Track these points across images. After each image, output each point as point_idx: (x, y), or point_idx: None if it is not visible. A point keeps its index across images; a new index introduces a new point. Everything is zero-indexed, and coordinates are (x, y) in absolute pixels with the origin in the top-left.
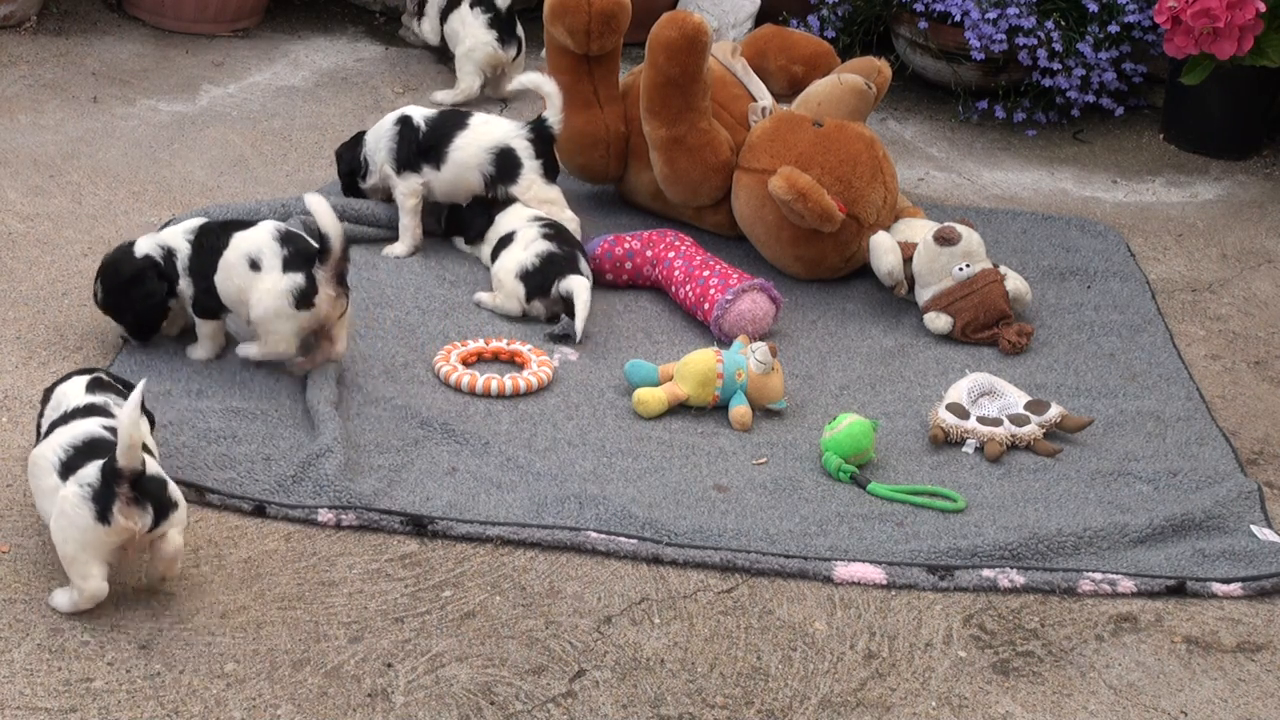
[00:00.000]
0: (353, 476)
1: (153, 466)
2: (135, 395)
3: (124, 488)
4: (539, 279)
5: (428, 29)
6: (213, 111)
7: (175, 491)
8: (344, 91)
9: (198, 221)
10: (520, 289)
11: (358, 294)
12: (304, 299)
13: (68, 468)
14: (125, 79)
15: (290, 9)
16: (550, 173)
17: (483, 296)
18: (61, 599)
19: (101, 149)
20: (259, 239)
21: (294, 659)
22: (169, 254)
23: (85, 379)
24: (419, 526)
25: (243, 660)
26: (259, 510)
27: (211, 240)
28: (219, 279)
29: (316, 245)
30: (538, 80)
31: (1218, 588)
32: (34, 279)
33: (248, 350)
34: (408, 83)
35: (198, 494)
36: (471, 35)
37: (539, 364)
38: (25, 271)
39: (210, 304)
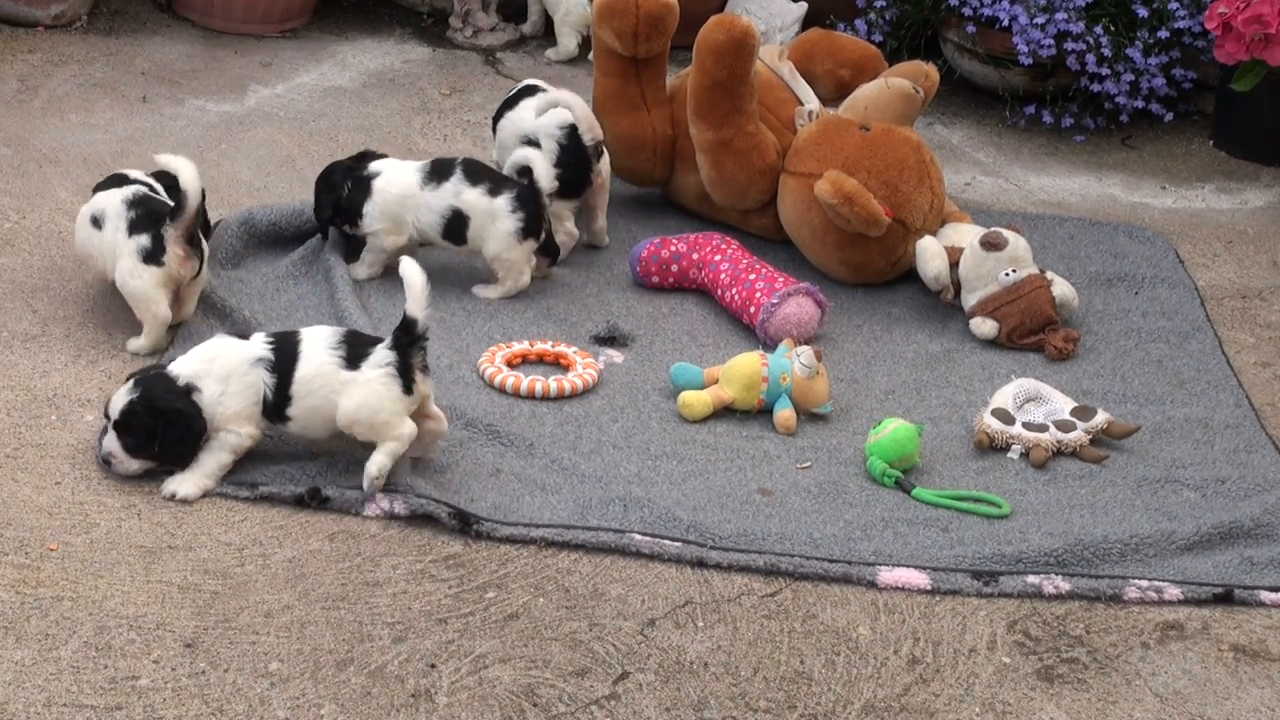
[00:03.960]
0: (398, 474)
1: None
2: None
3: (419, 359)
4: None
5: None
6: (260, 112)
7: None
8: (391, 93)
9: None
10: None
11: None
12: (151, 257)
13: (350, 360)
14: (174, 79)
15: (338, 10)
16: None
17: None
18: (376, 463)
19: (150, 148)
20: (108, 200)
21: (338, 659)
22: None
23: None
24: (464, 524)
25: (287, 659)
26: (314, 494)
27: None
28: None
29: (171, 205)
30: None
31: (1266, 596)
32: (83, 277)
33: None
34: (455, 84)
35: (250, 489)
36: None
37: (584, 366)
38: (75, 270)
39: None
